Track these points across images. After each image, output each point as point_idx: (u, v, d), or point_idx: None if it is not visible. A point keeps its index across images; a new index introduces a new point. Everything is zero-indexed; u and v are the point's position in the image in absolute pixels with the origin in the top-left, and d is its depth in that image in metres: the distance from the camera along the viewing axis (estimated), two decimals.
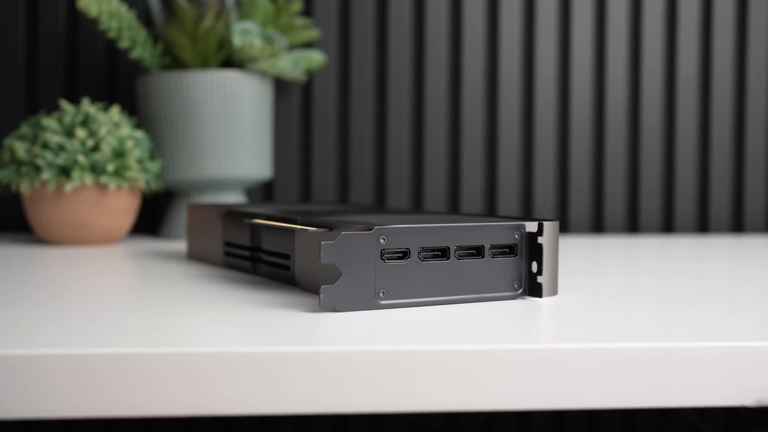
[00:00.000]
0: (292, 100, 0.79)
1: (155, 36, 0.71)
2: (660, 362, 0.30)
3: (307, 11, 0.78)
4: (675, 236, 0.78)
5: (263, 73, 0.69)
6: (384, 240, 0.36)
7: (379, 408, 0.29)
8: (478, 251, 0.38)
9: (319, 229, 0.39)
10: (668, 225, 0.82)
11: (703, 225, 0.82)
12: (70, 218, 0.61)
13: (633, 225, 0.82)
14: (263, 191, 0.79)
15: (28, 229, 0.77)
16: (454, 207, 0.80)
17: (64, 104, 0.63)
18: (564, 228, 0.81)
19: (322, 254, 0.35)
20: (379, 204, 0.80)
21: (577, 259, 0.57)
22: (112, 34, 0.65)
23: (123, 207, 0.63)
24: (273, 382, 0.28)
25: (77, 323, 0.33)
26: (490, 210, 0.80)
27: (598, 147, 0.81)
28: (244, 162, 0.68)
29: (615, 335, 0.31)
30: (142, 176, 0.63)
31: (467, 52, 0.80)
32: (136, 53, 0.66)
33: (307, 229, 0.39)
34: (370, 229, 0.36)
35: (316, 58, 0.73)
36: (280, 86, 0.78)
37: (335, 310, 0.36)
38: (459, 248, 0.38)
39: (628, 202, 0.82)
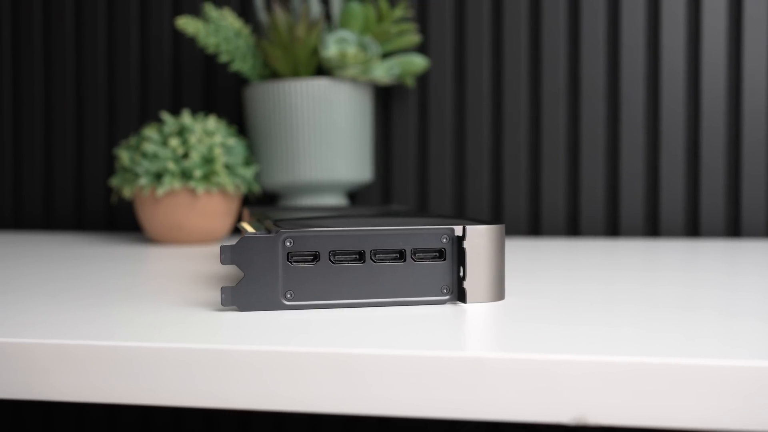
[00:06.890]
0: (408, 104, 0.80)
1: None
2: (468, 373, 0.28)
3: (422, 16, 0.79)
4: None
5: (354, 80, 0.71)
6: (290, 243, 0.37)
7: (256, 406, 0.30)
8: (401, 255, 0.38)
9: (259, 233, 0.40)
10: None
11: None
12: (166, 220, 0.67)
13: None
14: (381, 195, 0.81)
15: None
16: (573, 217, 0.77)
17: (165, 116, 0.68)
18: (696, 232, 0.75)
19: (221, 256, 0.36)
20: (497, 211, 0.79)
21: (635, 268, 0.53)
22: (210, 50, 0.70)
23: (216, 210, 0.68)
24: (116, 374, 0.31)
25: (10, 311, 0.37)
26: (614, 221, 0.76)
27: (735, 147, 0.75)
28: (338, 166, 0.71)
29: (507, 344, 0.30)
30: (230, 181, 0.67)
31: (586, 49, 0.77)
32: (235, 66, 0.71)
33: (248, 231, 0.41)
34: (275, 233, 0.37)
35: (417, 62, 0.74)
36: (396, 91, 0.80)
37: (238, 310, 0.37)
38: (377, 252, 0.38)
39: None
